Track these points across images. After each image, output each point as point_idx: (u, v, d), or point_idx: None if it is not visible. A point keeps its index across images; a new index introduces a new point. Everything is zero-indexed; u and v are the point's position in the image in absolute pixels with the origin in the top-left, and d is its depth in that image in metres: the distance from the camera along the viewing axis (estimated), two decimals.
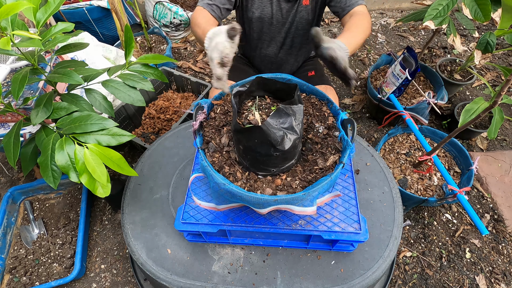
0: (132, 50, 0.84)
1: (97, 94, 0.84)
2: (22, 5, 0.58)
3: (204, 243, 0.88)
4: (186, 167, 1.04)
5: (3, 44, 0.57)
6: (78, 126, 0.71)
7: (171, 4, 2.21)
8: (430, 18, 1.30)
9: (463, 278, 1.36)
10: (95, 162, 0.67)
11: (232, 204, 0.78)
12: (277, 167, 0.67)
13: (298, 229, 0.77)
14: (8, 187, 1.66)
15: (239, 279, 0.81)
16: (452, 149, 1.50)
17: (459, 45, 1.48)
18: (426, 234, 1.48)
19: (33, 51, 0.78)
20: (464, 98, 2.05)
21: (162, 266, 0.84)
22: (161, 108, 1.73)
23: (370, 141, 1.87)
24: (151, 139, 1.66)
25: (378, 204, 0.93)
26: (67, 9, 2.02)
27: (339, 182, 0.86)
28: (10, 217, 1.43)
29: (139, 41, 2.21)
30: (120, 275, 1.39)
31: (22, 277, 1.30)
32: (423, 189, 1.39)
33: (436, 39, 2.44)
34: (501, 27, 0.97)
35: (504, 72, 1.15)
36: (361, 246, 0.85)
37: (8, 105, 0.76)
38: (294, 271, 0.82)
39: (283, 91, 0.73)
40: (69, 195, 1.55)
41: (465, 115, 1.03)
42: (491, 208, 1.56)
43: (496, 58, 2.34)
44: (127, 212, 0.95)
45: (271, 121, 0.60)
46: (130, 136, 0.72)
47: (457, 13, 1.57)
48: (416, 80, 1.84)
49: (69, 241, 1.40)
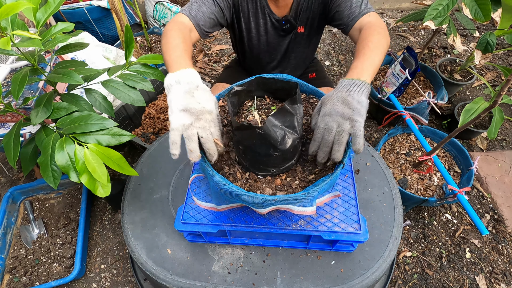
0: (132, 50, 0.84)
1: (97, 94, 0.84)
2: (22, 5, 0.58)
3: (204, 243, 0.88)
4: (186, 167, 1.04)
5: (3, 44, 0.57)
6: (78, 126, 0.71)
7: (171, 4, 2.21)
8: (430, 18, 1.30)
9: (463, 278, 1.36)
10: (95, 162, 0.67)
11: (232, 204, 0.78)
12: (277, 167, 0.67)
13: (298, 229, 0.77)
14: (8, 187, 1.66)
15: (239, 279, 0.81)
16: (452, 149, 1.50)
17: (459, 45, 1.48)
18: (426, 234, 1.48)
19: (33, 51, 0.77)
20: (464, 98, 2.05)
21: (162, 266, 0.84)
22: (161, 108, 1.73)
23: (370, 141, 1.87)
24: (151, 139, 1.66)
25: (378, 204, 0.93)
26: (67, 9, 2.02)
27: (339, 182, 0.86)
28: (10, 217, 1.43)
29: (139, 41, 2.21)
30: (120, 275, 1.39)
31: (22, 277, 1.30)
32: (423, 189, 1.39)
33: (436, 39, 2.44)
34: (501, 27, 0.97)
35: (504, 72, 1.15)
36: (361, 246, 0.85)
37: (8, 105, 0.76)
38: (294, 271, 0.82)
39: (284, 91, 0.73)
40: (69, 195, 1.55)
41: (465, 115, 1.03)
42: (491, 208, 1.56)
43: (496, 58, 2.34)
44: (127, 212, 0.95)
45: (274, 120, 0.59)
46: (130, 136, 0.72)
47: (457, 13, 1.57)
48: (416, 80, 1.84)
49: (69, 241, 1.40)
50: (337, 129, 0.59)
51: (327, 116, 0.61)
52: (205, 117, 0.61)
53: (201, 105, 0.61)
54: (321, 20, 1.09)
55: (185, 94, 0.62)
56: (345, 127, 0.59)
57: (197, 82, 0.65)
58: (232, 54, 2.44)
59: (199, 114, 0.61)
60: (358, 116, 0.59)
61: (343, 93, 0.61)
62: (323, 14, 1.06)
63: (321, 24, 1.11)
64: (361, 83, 0.63)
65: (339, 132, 0.59)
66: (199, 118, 0.61)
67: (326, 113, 0.61)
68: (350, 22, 0.90)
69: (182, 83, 0.64)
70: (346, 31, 0.94)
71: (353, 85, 0.62)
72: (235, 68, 1.42)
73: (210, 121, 0.62)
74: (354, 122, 0.59)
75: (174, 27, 0.86)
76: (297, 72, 1.35)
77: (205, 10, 0.95)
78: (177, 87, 0.63)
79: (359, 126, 0.59)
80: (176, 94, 0.62)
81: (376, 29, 0.80)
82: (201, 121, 0.61)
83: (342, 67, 2.32)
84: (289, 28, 1.11)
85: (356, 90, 0.62)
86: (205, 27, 0.96)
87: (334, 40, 2.56)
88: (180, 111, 0.60)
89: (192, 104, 0.60)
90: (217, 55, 2.44)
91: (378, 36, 0.78)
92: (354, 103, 0.60)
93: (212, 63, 2.36)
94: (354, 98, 0.60)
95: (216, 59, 2.40)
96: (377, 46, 0.75)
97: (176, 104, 0.61)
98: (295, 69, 1.32)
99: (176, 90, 0.63)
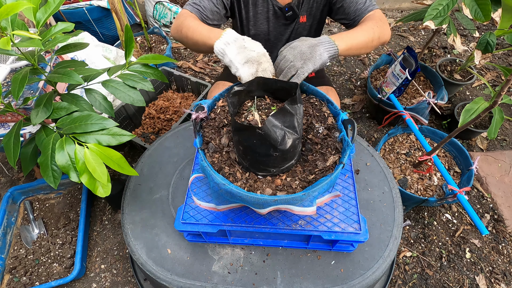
0: (132, 50, 0.84)
1: (97, 94, 0.84)
2: (22, 5, 0.58)
3: (204, 243, 0.88)
4: (186, 167, 1.04)
5: (3, 44, 0.57)
6: (78, 126, 0.71)
7: (171, 4, 2.21)
8: (430, 18, 1.30)
9: (463, 278, 1.36)
10: (95, 161, 0.67)
11: (232, 204, 0.78)
12: (277, 168, 0.67)
13: (298, 229, 0.77)
14: (8, 187, 1.66)
15: (239, 279, 0.81)
16: (452, 149, 1.50)
17: (459, 45, 1.48)
18: (426, 234, 1.48)
19: (33, 51, 0.77)
20: (464, 98, 2.05)
21: (162, 266, 0.84)
22: (161, 108, 1.73)
23: (370, 141, 1.87)
24: (151, 139, 1.66)
25: (378, 204, 0.93)
26: (67, 9, 2.02)
27: (339, 182, 0.86)
28: (10, 217, 1.43)
29: (139, 41, 2.21)
30: (120, 275, 1.39)
31: (22, 277, 1.30)
32: (423, 189, 1.39)
33: (436, 39, 2.44)
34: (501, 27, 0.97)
35: (504, 72, 1.15)
36: (361, 246, 0.85)
37: (8, 105, 0.76)
38: (294, 271, 0.82)
39: (284, 90, 0.73)
40: (69, 195, 1.55)
41: (465, 115, 1.03)
42: (491, 208, 1.56)
43: (496, 58, 2.34)
44: (127, 212, 0.95)
45: (274, 120, 0.59)
46: (130, 136, 0.72)
47: (457, 13, 1.57)
48: (416, 80, 1.84)
49: (69, 241, 1.40)
50: (291, 63, 0.70)
51: (291, 49, 0.71)
52: (263, 59, 0.72)
53: (256, 52, 0.72)
54: (324, 11, 1.10)
55: (239, 49, 0.71)
56: (297, 64, 0.70)
57: (241, 36, 0.74)
58: None
59: (259, 59, 0.71)
60: (311, 63, 0.70)
61: (315, 41, 0.72)
62: (327, 5, 1.07)
63: (324, 15, 1.12)
64: (333, 44, 0.74)
65: (290, 66, 0.71)
66: (260, 62, 0.72)
67: (292, 46, 0.71)
68: (355, 18, 0.94)
69: (231, 43, 0.73)
70: (350, 26, 0.97)
71: (326, 42, 0.73)
72: None
73: (266, 61, 0.73)
74: (304, 65, 0.69)
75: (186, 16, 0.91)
76: None
77: (207, 4, 0.97)
78: (230, 47, 0.72)
79: (306, 70, 0.70)
80: (232, 53, 0.72)
81: (376, 20, 0.86)
82: (262, 64, 0.72)
83: (342, 67, 2.32)
84: (292, 16, 1.10)
85: (325, 46, 0.72)
86: (209, 20, 0.98)
87: None
88: (244, 63, 0.71)
89: (250, 54, 0.71)
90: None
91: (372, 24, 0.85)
92: (316, 53, 0.70)
93: (212, 63, 2.36)
94: (319, 49, 0.71)
95: (216, 59, 2.40)
96: (366, 29, 0.82)
97: (238, 60, 0.71)
98: None
99: (230, 50, 0.72)
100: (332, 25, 2.69)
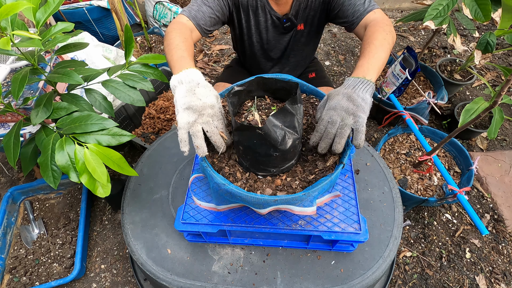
0: (132, 50, 0.84)
1: (97, 94, 0.84)
2: (22, 5, 0.58)
3: (204, 243, 0.88)
4: (186, 167, 1.04)
5: (3, 44, 0.57)
6: (78, 126, 0.71)
7: (171, 4, 2.21)
8: (430, 18, 1.30)
9: (463, 278, 1.36)
10: (95, 162, 0.67)
11: (232, 204, 0.78)
12: (277, 168, 0.67)
13: (298, 229, 0.77)
14: (8, 187, 1.66)
15: (239, 279, 0.81)
16: (452, 149, 1.50)
17: (459, 45, 1.48)
18: (426, 234, 1.48)
19: (33, 51, 0.77)
20: (464, 98, 2.05)
21: (162, 266, 0.84)
22: (161, 108, 1.73)
23: (370, 141, 1.87)
24: (151, 139, 1.66)
25: (378, 204, 0.93)
26: (67, 9, 2.02)
27: (339, 182, 0.86)
28: (10, 217, 1.43)
29: (139, 41, 2.21)
30: (120, 275, 1.39)
31: (22, 277, 1.30)
32: (423, 189, 1.39)
33: (436, 39, 2.44)
34: (501, 27, 0.97)
35: (504, 72, 1.15)
36: (361, 246, 0.85)
37: (8, 105, 0.76)
38: (294, 271, 0.82)
39: (284, 90, 0.73)
40: (69, 195, 1.55)
41: (465, 115, 1.03)
42: (491, 208, 1.56)
43: (496, 58, 2.34)
44: (127, 212, 0.95)
45: (274, 120, 0.59)
46: (130, 136, 0.72)
47: (457, 13, 1.57)
48: (416, 80, 1.84)
49: (69, 241, 1.40)
50: (341, 123, 0.62)
51: (332, 110, 0.63)
52: (207, 112, 0.64)
53: (202, 101, 0.64)
54: (322, 18, 1.09)
55: (187, 92, 0.65)
56: (348, 122, 0.62)
57: (198, 80, 0.67)
58: (232, 54, 2.44)
59: (201, 110, 0.63)
60: (361, 112, 0.62)
61: (349, 90, 0.64)
62: (324, 12, 1.06)
63: (322, 22, 1.12)
64: (366, 81, 0.66)
65: (342, 126, 0.62)
66: (202, 114, 0.63)
67: (331, 107, 0.63)
68: (355, 20, 0.91)
69: (184, 83, 0.67)
70: (351, 28, 0.95)
71: (359, 84, 0.65)
72: (235, 68, 1.42)
73: (212, 115, 0.64)
74: (357, 117, 0.61)
75: (175, 28, 0.88)
76: (297, 71, 1.35)
77: (205, 9, 0.96)
78: (180, 87, 0.66)
79: (362, 122, 0.61)
80: (179, 94, 0.65)
81: (382, 26, 0.82)
82: (204, 116, 0.64)
83: (342, 67, 2.32)
84: (290, 26, 1.11)
85: (361, 88, 0.65)
86: (206, 26, 0.97)
87: (334, 40, 2.56)
88: (184, 109, 0.63)
89: (194, 102, 0.63)
90: (217, 55, 2.44)
91: (383, 34, 0.79)
92: (358, 100, 0.63)
93: (212, 63, 2.36)
94: (359, 96, 0.63)
95: (216, 59, 2.40)
96: (383, 44, 0.77)
97: (180, 104, 0.64)
98: (295, 68, 1.32)
99: (179, 90, 0.66)
100: (332, 25, 2.69)
